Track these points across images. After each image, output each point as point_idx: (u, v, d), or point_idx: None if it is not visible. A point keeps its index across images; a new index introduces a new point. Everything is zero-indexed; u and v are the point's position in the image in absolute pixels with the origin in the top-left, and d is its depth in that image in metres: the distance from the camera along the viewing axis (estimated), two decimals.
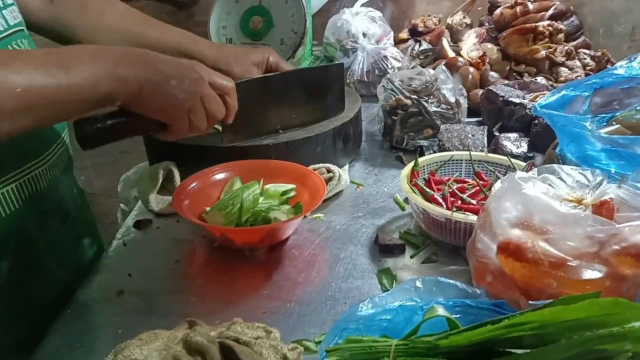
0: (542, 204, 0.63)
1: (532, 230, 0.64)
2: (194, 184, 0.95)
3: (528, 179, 0.67)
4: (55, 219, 0.95)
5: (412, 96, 1.17)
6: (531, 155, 1.04)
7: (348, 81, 1.51)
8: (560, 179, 0.71)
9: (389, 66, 1.49)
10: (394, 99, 1.18)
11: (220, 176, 0.98)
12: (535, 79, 1.27)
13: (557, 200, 0.67)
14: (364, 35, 1.65)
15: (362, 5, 1.77)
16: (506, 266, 0.64)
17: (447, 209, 0.86)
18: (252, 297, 0.79)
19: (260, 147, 1.03)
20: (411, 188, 0.90)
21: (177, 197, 0.91)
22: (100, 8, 1.06)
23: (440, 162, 1.00)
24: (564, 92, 0.93)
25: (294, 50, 1.55)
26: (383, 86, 1.23)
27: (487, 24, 1.66)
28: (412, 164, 0.96)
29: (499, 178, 0.89)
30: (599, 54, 1.31)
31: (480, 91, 1.30)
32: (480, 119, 1.27)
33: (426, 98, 1.17)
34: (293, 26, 1.55)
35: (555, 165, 0.73)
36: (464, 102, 1.21)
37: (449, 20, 1.74)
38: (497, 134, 1.15)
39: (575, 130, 0.79)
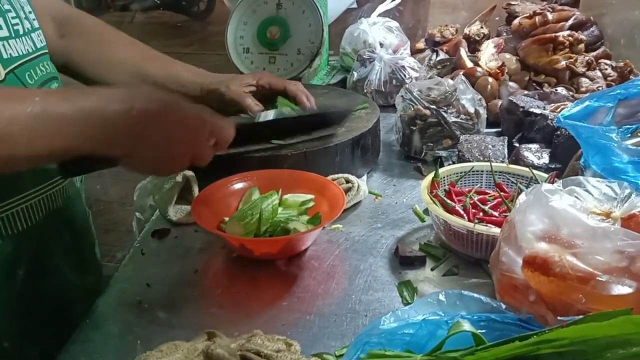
0: (570, 217, 0.62)
1: (559, 243, 0.62)
2: (212, 194, 0.95)
3: (554, 191, 0.66)
4: (68, 234, 0.95)
5: (431, 106, 1.17)
6: (553, 166, 1.02)
7: (365, 91, 1.51)
8: (587, 191, 0.70)
9: (407, 76, 1.48)
10: (412, 109, 1.18)
11: (238, 186, 0.98)
12: (556, 90, 1.26)
13: (584, 214, 0.65)
14: (381, 45, 1.64)
15: (379, 15, 1.77)
16: (532, 280, 0.63)
17: (469, 220, 0.85)
18: (271, 309, 0.78)
19: (279, 156, 1.03)
20: (432, 199, 0.89)
21: (196, 207, 0.90)
22: (107, 42, 1.09)
23: (461, 173, 0.99)
24: (587, 102, 0.91)
25: (310, 60, 1.55)
26: (401, 96, 1.22)
27: (505, 33, 1.65)
28: (432, 174, 0.95)
29: (521, 190, 0.88)
30: (621, 64, 1.30)
31: (499, 102, 1.29)
32: (500, 129, 1.26)
33: (445, 108, 1.16)
34: (310, 36, 1.55)
35: (581, 177, 0.72)
36: (483, 113, 1.20)
37: (466, 30, 1.73)
38: (518, 144, 1.14)
39: (601, 141, 0.77)
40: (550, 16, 1.45)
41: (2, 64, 0.78)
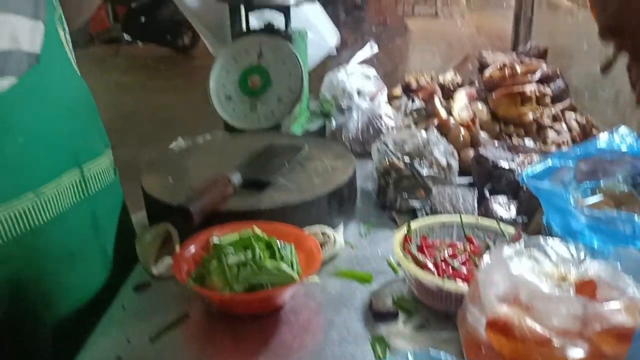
0: (528, 283, 0.66)
1: (519, 306, 0.66)
2: (192, 247, 0.98)
3: (513, 255, 0.70)
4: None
5: (405, 159, 1.22)
6: (520, 219, 1.07)
7: (344, 139, 1.56)
8: (546, 253, 0.74)
9: (383, 125, 1.54)
10: (387, 161, 1.23)
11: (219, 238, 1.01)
12: (524, 141, 1.31)
13: (542, 276, 0.70)
14: (359, 92, 1.71)
15: (358, 63, 1.84)
16: (495, 342, 0.66)
17: (439, 275, 0.89)
18: None
19: (258, 211, 1.06)
20: (404, 254, 0.93)
21: (177, 262, 0.93)
22: None
23: (432, 226, 1.03)
24: (549, 162, 0.97)
25: (291, 108, 1.60)
26: (377, 148, 1.27)
27: (477, 83, 1.72)
28: (404, 229, 0.99)
29: (488, 246, 0.93)
30: (584, 121, 1.37)
31: (471, 151, 1.35)
32: (472, 179, 1.31)
33: (418, 160, 1.21)
34: (290, 85, 1.61)
35: (540, 238, 0.77)
36: (454, 164, 1.25)
37: (440, 79, 1.81)
38: (487, 194, 1.19)
39: (560, 204, 0.82)
40: (518, 69, 1.52)
41: None
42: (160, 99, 6.45)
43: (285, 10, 1.63)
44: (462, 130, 1.41)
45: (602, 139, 0.96)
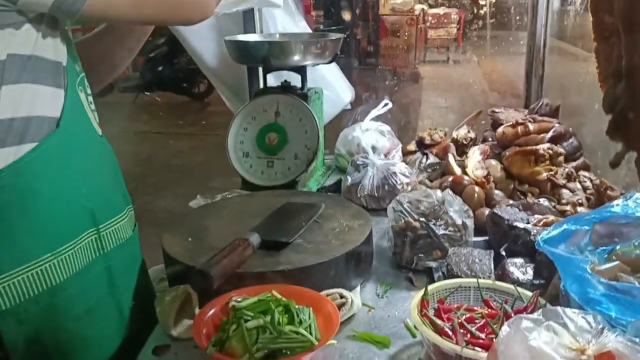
0: (547, 356, 0.67)
1: None
2: (212, 311, 0.99)
3: (532, 328, 0.71)
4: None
5: (421, 219, 1.23)
6: (537, 282, 1.08)
7: (359, 195, 1.58)
8: (564, 324, 0.75)
9: (398, 182, 1.56)
10: (403, 221, 1.24)
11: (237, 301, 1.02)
12: (539, 201, 1.33)
13: (561, 349, 0.70)
14: (374, 149, 1.73)
15: (372, 119, 1.88)
16: None
17: (457, 342, 0.89)
18: None
19: (276, 272, 1.08)
20: (421, 319, 0.94)
21: (196, 326, 0.94)
22: None
23: (449, 289, 1.04)
24: (565, 226, 0.98)
25: (307, 165, 1.64)
26: (393, 207, 1.29)
27: (490, 139, 1.75)
28: (421, 292, 1.00)
29: (506, 311, 0.93)
30: (598, 181, 1.38)
31: (486, 210, 1.36)
32: (487, 238, 1.32)
33: (434, 221, 1.23)
34: (306, 142, 1.65)
35: (559, 309, 0.77)
36: (470, 224, 1.26)
37: (454, 134, 1.84)
38: (504, 254, 1.20)
39: (577, 272, 0.83)
40: (531, 127, 1.55)
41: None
42: (177, 145, 6.56)
43: (302, 71, 1.68)
44: (477, 189, 1.42)
45: (617, 204, 0.97)
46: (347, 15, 10.24)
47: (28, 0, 0.84)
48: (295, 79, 1.73)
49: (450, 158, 1.61)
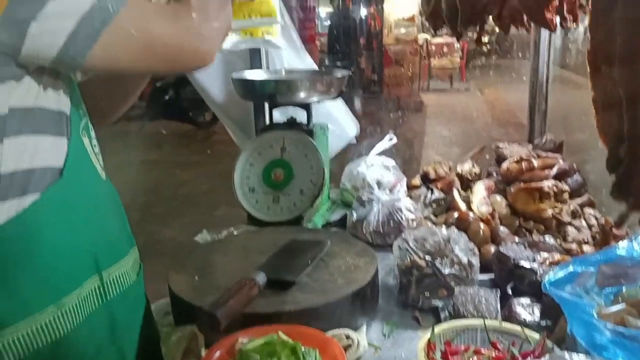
0: None
1: None
2: (218, 353, 0.99)
3: None
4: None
5: (427, 257, 1.23)
6: (544, 324, 1.07)
7: (364, 232, 1.59)
8: None
9: (403, 218, 1.57)
10: (409, 259, 1.24)
11: (243, 343, 1.02)
12: (544, 238, 1.33)
13: None
14: (379, 184, 1.74)
15: (377, 154, 1.89)
16: None
17: None
18: None
19: (282, 313, 1.08)
20: None
21: None
22: None
23: (456, 330, 1.04)
24: (571, 267, 0.98)
25: (312, 201, 1.64)
26: (398, 245, 1.29)
27: (494, 174, 1.76)
28: (428, 334, 1.00)
29: (514, 355, 0.93)
30: (603, 221, 1.38)
31: (492, 247, 1.36)
32: (493, 275, 1.32)
33: (440, 259, 1.23)
34: (312, 177, 1.66)
35: (566, 354, 0.77)
36: (476, 262, 1.26)
37: (458, 169, 1.85)
38: (510, 292, 1.20)
39: (584, 317, 0.83)
40: (535, 163, 1.56)
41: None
42: (182, 174, 6.59)
43: (308, 107, 1.70)
44: (482, 225, 1.43)
45: (622, 246, 0.97)
46: (351, 45, 10.38)
47: (30, 54, 0.83)
48: (301, 115, 1.75)
49: (455, 193, 1.62)
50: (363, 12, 11.91)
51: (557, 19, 1.03)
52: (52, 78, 0.91)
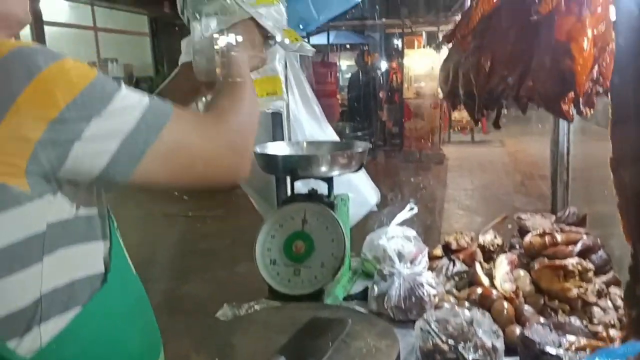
0: None
1: None
2: None
3: None
4: None
5: (449, 341, 1.22)
6: None
7: (386, 307, 1.57)
8: None
9: (425, 293, 1.55)
10: (431, 343, 1.23)
11: None
12: (570, 319, 1.30)
13: None
14: (400, 255, 1.74)
15: (398, 224, 1.89)
16: None
17: None
18: None
19: None
20: None
21: None
22: None
23: None
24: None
25: (333, 274, 1.64)
26: (420, 327, 1.28)
27: (517, 246, 1.74)
28: None
29: None
30: None
31: (516, 328, 1.34)
32: (518, 358, 1.29)
33: (463, 344, 1.21)
34: (333, 251, 1.66)
35: None
36: (500, 346, 1.24)
37: (480, 240, 1.83)
38: None
39: None
40: (559, 237, 1.54)
41: None
42: (203, 228, 6.64)
43: (329, 180, 1.73)
44: (506, 304, 1.41)
45: None
46: (372, 99, 10.55)
47: (70, 172, 0.80)
48: (322, 186, 1.77)
49: (478, 268, 1.60)
50: (384, 65, 12.16)
51: (574, 109, 1.05)
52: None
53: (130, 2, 9.66)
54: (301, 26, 1.95)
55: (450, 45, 1.54)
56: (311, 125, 2.02)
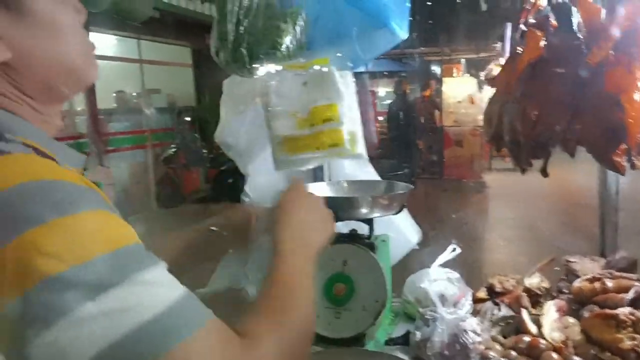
0: None
1: None
2: None
3: None
4: None
5: None
6: None
7: (429, 353, 1.54)
8: None
9: (470, 341, 1.51)
10: None
11: None
12: None
13: None
14: (442, 298, 1.70)
15: (440, 265, 1.86)
16: None
17: None
18: None
19: None
20: None
21: None
22: None
23: None
24: None
25: (374, 318, 1.62)
26: None
27: (565, 290, 1.68)
28: None
29: None
30: None
31: None
32: None
33: None
34: (374, 294, 1.64)
35: None
36: None
37: (526, 283, 1.78)
38: None
39: None
40: (609, 283, 1.49)
41: None
42: None
43: (369, 222, 1.71)
44: (555, 356, 1.35)
45: None
46: (410, 127, 10.51)
47: None
48: (363, 226, 1.75)
49: (525, 315, 1.56)
50: (421, 93, 12.14)
51: (627, 162, 1.02)
52: None
53: (173, 35, 9.96)
54: (350, 64, 1.95)
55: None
56: (351, 165, 2.01)
